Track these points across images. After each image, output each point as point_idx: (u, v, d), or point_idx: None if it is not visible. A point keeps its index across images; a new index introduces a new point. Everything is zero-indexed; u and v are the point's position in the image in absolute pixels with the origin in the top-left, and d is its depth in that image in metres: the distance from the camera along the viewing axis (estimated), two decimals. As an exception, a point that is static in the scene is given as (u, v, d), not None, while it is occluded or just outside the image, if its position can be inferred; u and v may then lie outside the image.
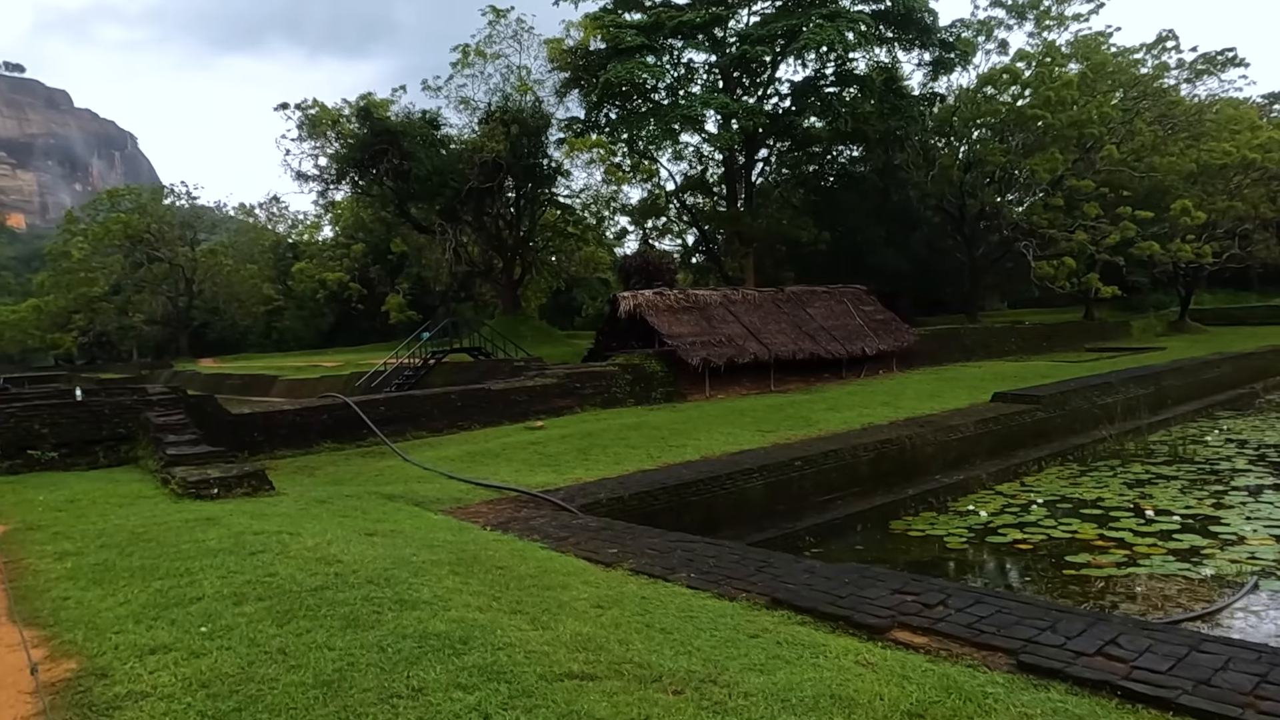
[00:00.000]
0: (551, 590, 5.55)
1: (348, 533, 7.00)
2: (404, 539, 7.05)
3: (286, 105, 32.50)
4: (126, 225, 62.65)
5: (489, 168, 30.50)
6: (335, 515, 8.11)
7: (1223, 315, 45.66)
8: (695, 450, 13.33)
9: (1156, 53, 34.10)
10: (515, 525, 8.29)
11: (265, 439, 14.07)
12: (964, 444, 15.08)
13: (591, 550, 7.12)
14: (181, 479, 8.95)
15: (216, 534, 6.56)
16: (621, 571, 6.41)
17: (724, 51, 31.99)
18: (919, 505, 12.85)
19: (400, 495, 9.93)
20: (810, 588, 5.56)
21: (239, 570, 5.35)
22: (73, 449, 11.45)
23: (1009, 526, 11.49)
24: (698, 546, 7.10)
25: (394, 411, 15.48)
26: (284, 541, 6.30)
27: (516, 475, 11.75)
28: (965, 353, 28.57)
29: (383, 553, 6.18)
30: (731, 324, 21.26)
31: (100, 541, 6.42)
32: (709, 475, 11.03)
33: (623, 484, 10.63)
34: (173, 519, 7.25)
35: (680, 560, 6.61)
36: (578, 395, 18.17)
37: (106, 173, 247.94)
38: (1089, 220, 29.75)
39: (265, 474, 9.40)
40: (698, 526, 10.51)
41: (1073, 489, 13.69)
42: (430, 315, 60.53)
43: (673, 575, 6.20)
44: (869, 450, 13.30)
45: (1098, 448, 17.12)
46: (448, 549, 6.75)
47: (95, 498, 8.68)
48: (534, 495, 9.94)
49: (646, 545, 7.22)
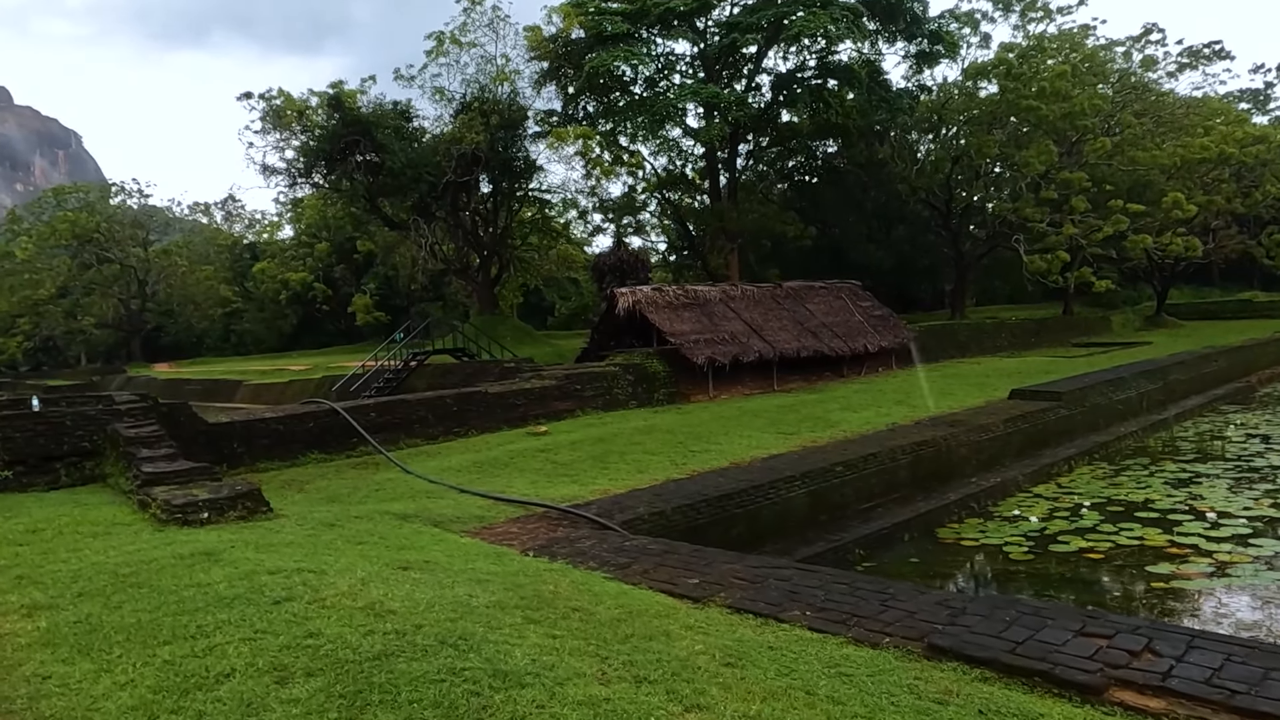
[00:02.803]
0: (655, 641, 4.52)
1: (377, 567, 5.87)
2: (445, 573, 5.94)
3: (250, 95, 30.80)
4: (74, 224, 59.62)
5: (467, 160, 29.16)
6: (351, 543, 6.96)
7: (1194, 310, 46.10)
8: (720, 456, 12.37)
9: (1141, 46, 34.10)
10: (560, 549, 7.22)
11: (245, 450, 12.75)
12: (995, 444, 14.34)
13: (667, 581, 6.09)
14: (164, 502, 7.71)
15: (222, 574, 5.39)
16: (718, 609, 5.39)
17: (707, 41, 31.09)
18: (961, 511, 12.04)
19: (414, 515, 8.78)
20: (969, 630, 4.60)
21: (268, 628, 4.22)
22: (30, 467, 10.07)
23: (1067, 533, 10.73)
24: (790, 573, 6.11)
25: (385, 418, 14.24)
26: (309, 583, 5.16)
27: (534, 487, 10.66)
28: (959, 349, 28.06)
29: (432, 594, 5.09)
30: (733, 321, 20.33)
31: (78, 588, 5.21)
32: (750, 485, 10.06)
33: (658, 496, 9.60)
34: (162, 554, 6.04)
35: (781, 593, 5.61)
36: (578, 397, 17.09)
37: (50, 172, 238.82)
38: (1077, 214, 29.44)
39: (260, 493, 8.19)
40: (743, 541, 9.56)
41: (1114, 490, 13.01)
42: (399, 316, 58.66)
43: (784, 614, 5.20)
44: (906, 453, 12.46)
45: (1121, 445, 16.53)
46: (501, 585, 5.67)
47: (62, 527, 7.40)
48: (566, 511, 8.87)
49: (728, 573, 6.21)
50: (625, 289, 20.23)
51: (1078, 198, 29.86)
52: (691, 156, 38.93)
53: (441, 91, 31.62)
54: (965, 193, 32.69)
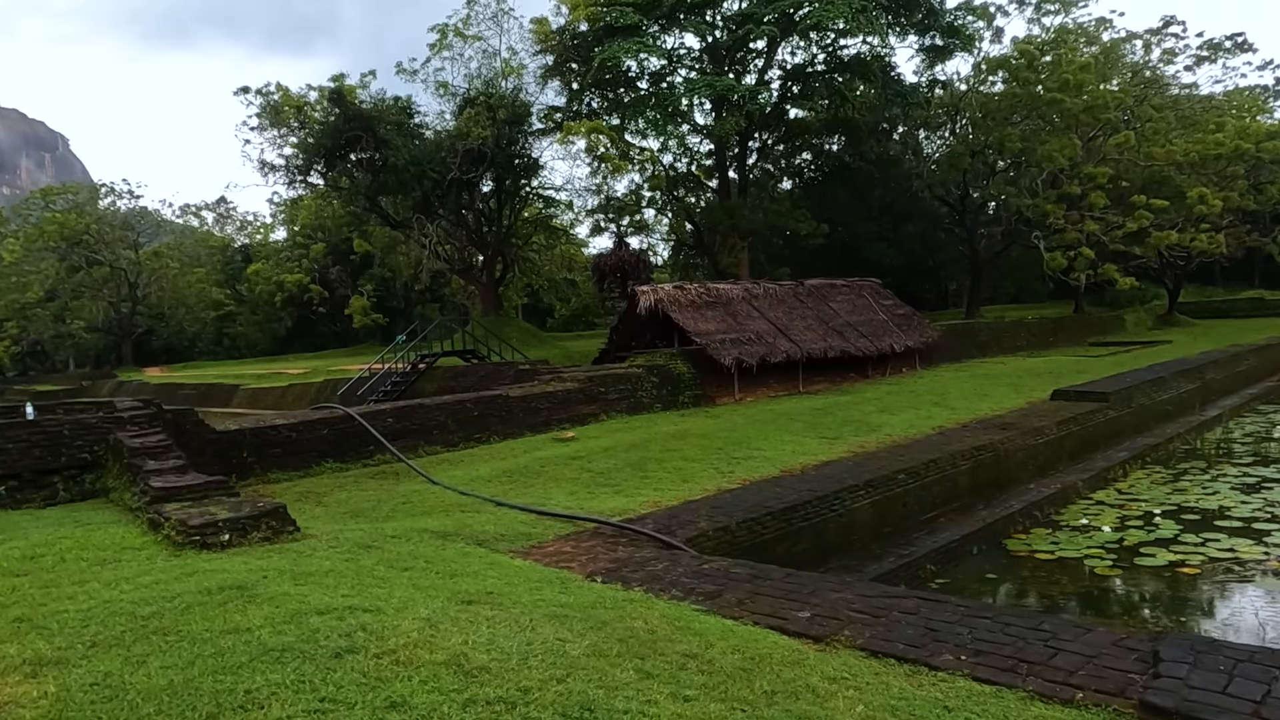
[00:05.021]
0: (803, 701, 3.72)
1: (439, 602, 5.04)
2: (516, 607, 5.12)
3: (247, 89, 29.87)
4: (62, 226, 58.30)
5: (472, 156, 28.25)
6: (396, 569, 6.11)
7: (1204, 308, 45.51)
8: (767, 463, 11.56)
9: (1160, 39, 33.47)
10: (631, 574, 6.38)
11: (256, 460, 11.87)
12: (1049, 448, 13.58)
13: (772, 614, 5.27)
14: (179, 522, 6.84)
15: (263, 615, 4.54)
16: (848, 652, 4.58)
17: (716, 34, 30.32)
18: (1025, 520, 11.27)
19: (454, 533, 7.93)
20: (1184, 683, 3.79)
21: (336, 695, 3.38)
22: (24, 481, 9.16)
23: (1148, 545, 9.97)
24: (912, 603, 5.30)
25: (403, 424, 13.37)
26: (369, 627, 4.32)
27: (575, 499, 9.82)
28: (980, 349, 27.35)
29: (518, 640, 4.26)
30: (757, 320, 19.54)
31: (91, 635, 4.35)
32: (814, 495, 9.25)
33: (718, 509, 8.78)
34: (186, 588, 5.19)
35: (916, 630, 4.80)
36: (602, 401, 16.26)
37: (37, 175, 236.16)
38: (1097, 210, 28.76)
39: (286, 511, 7.32)
40: (809, 558, 8.77)
41: (1180, 496, 12.27)
42: (396, 318, 57.63)
43: (933, 658, 4.38)
44: (965, 459, 11.68)
45: (1171, 447, 15.82)
46: (584, 622, 4.84)
47: (64, 552, 6.52)
48: (621, 527, 8.04)
49: (838, 603, 5.40)
50: (646, 287, 19.40)
51: (1096, 193, 29.20)
52: (698, 154, 38.16)
53: (445, 86, 30.73)
54: (983, 187, 31.91)
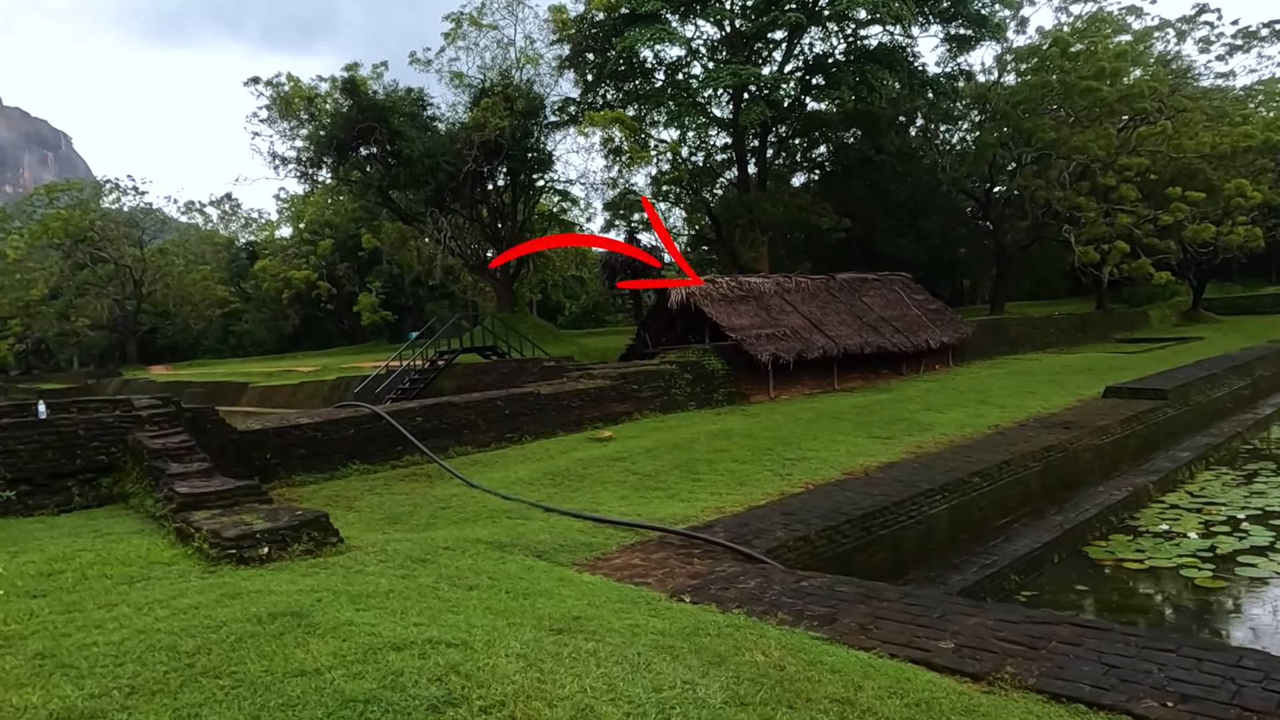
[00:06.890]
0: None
1: (529, 632, 4.33)
2: (612, 636, 4.42)
3: (257, 80, 29.13)
4: (66, 222, 57.60)
5: (489, 148, 27.52)
6: (461, 588, 5.42)
7: (1228, 304, 44.72)
8: (825, 465, 10.84)
9: (1191, 27, 32.67)
10: (722, 593, 5.67)
11: (280, 461, 11.17)
12: (1113, 448, 12.87)
13: (908, 645, 4.56)
14: (211, 533, 6.14)
15: (329, 651, 3.84)
16: (1022, 696, 3.86)
17: (736, 23, 29.58)
18: (1102, 526, 10.56)
19: (508, 543, 7.23)
20: None
21: (452, 770, 2.67)
22: (36, 486, 8.47)
23: (1243, 553, 9.26)
24: (1069, 631, 4.58)
25: (432, 423, 12.66)
26: (460, 668, 3.62)
27: (627, 504, 9.12)
28: (1011, 345, 26.62)
29: (641, 686, 3.56)
30: (791, 315, 18.82)
31: (128, 679, 3.65)
32: (890, 501, 8.54)
33: (791, 515, 8.07)
34: (232, 616, 4.48)
35: (1091, 666, 4.09)
36: (635, 398, 15.55)
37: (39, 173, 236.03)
38: (1129, 203, 28.00)
39: (328, 520, 6.62)
40: (888, 568, 8.07)
41: (1261, 499, 11.57)
42: (405, 315, 56.91)
43: (1133, 704, 3.68)
44: (1037, 460, 10.97)
45: (1233, 446, 15.11)
46: (698, 656, 4.15)
47: (85, 567, 5.82)
48: (692, 537, 7.34)
49: (979, 629, 4.69)
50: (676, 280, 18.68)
51: (1128, 185, 28.44)
52: (714, 148, 37.44)
53: (460, 76, 29.98)
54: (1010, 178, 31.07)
